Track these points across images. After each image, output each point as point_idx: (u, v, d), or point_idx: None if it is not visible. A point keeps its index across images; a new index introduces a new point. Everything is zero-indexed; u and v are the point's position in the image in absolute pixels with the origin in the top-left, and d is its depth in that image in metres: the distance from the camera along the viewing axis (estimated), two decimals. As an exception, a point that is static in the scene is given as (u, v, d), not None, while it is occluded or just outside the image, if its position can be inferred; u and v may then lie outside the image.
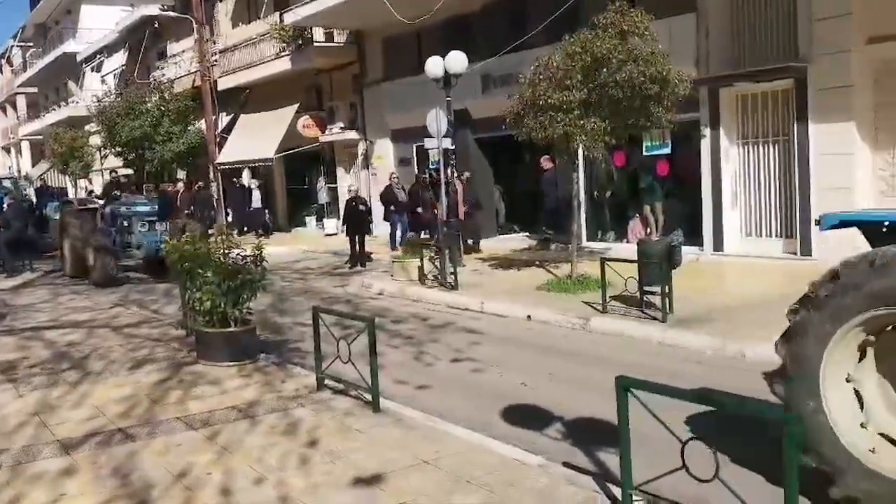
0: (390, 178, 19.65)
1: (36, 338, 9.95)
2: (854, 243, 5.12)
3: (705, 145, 13.80)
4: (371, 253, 17.12)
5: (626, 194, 15.97)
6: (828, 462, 4.27)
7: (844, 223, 5.34)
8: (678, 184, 14.96)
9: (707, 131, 13.68)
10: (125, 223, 16.33)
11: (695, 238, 13.82)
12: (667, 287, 9.49)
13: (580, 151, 11.87)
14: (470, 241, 16.68)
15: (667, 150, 14.54)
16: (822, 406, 4.31)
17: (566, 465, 5.22)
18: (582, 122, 10.80)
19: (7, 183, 30.59)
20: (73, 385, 7.42)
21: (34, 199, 27.43)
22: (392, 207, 18.99)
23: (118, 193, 18.21)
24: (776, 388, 4.55)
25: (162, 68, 31.66)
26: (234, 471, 5.09)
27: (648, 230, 14.19)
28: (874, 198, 11.80)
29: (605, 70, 10.68)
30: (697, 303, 10.13)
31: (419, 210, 17.62)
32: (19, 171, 43.20)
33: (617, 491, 4.48)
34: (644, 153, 14.80)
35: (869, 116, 11.80)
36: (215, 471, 5.10)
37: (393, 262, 14.61)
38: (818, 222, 5.13)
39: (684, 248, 10.93)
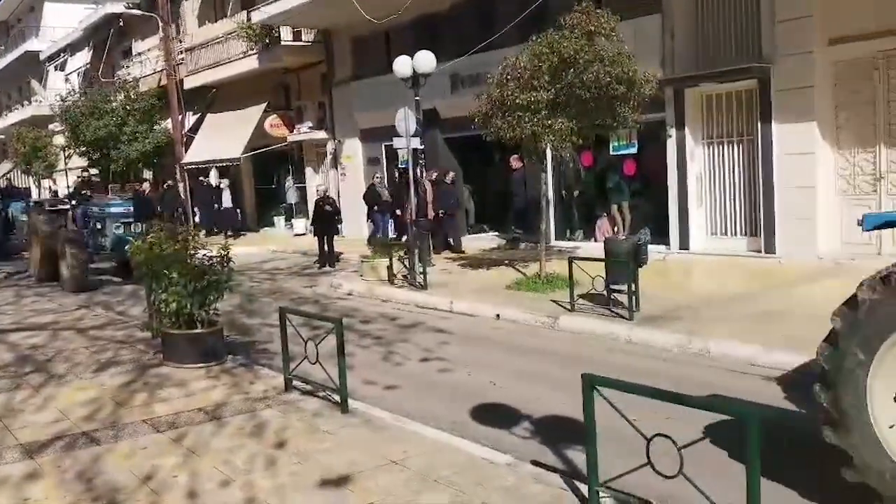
0: (374, 178, 19.61)
1: (-2, 341, 9.79)
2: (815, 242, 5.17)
3: (671, 145, 13.92)
4: (340, 253, 17.08)
5: (593, 193, 16.08)
6: (872, 474, 4.09)
7: (889, 223, 5.31)
8: (645, 183, 15.10)
9: (673, 131, 13.80)
10: (98, 224, 15.67)
11: (661, 237, 13.95)
12: (633, 285, 9.59)
13: (548, 151, 11.94)
14: (451, 241, 16.70)
15: (633, 150, 14.66)
16: (867, 415, 4.12)
17: (534, 463, 5.26)
18: (549, 122, 10.87)
19: None
20: (37, 388, 7.32)
21: None
22: (375, 207, 18.92)
23: (88, 193, 17.30)
24: (817, 393, 4.33)
25: (127, 67, 31.27)
26: (200, 473, 5.06)
27: (616, 229, 14.31)
28: (835, 197, 12.02)
29: (571, 70, 10.74)
30: (664, 300, 10.25)
31: (398, 212, 17.40)
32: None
33: (583, 487, 4.52)
34: (611, 153, 14.90)
35: (830, 116, 11.99)
36: (181, 474, 5.07)
37: (362, 262, 14.59)
38: (860, 223, 4.96)
39: (651, 247, 11.05)
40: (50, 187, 37.24)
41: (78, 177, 17.69)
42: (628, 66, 10.78)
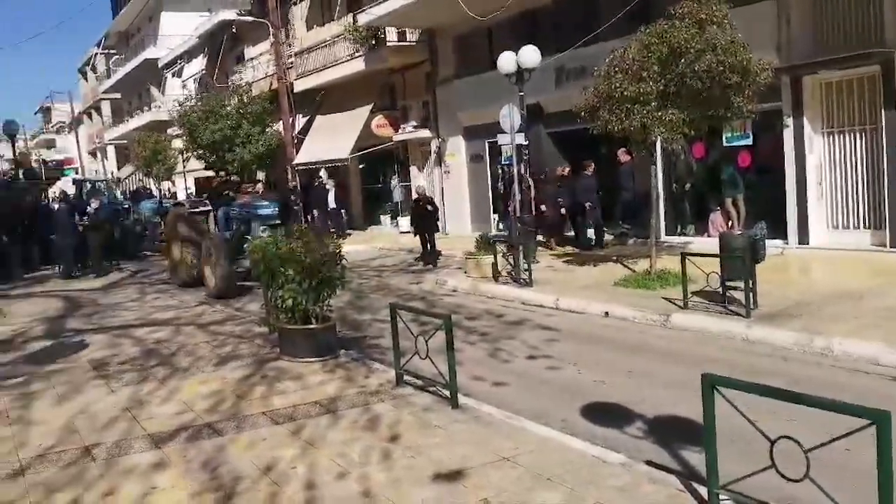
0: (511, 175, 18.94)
1: (125, 335, 10.33)
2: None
3: (788, 135, 13.39)
4: (440, 252, 17.12)
5: (706, 187, 15.60)
6: None
7: None
8: (760, 175, 14.54)
9: (790, 121, 13.27)
10: (242, 227, 14.57)
11: (778, 231, 13.43)
12: (750, 281, 9.25)
13: (658, 144, 11.66)
14: (582, 236, 16.45)
15: (748, 141, 14.17)
16: None
17: (648, 463, 5.15)
18: (660, 113, 10.62)
19: (100, 185, 31.66)
20: (162, 381, 7.69)
21: (121, 200, 28.28)
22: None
23: (231, 194, 16.36)
24: None
25: (240, 72, 32.42)
26: (318, 465, 5.20)
27: (730, 223, 13.82)
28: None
29: (682, 60, 10.45)
30: (782, 297, 9.85)
31: (542, 208, 16.62)
32: (112, 174, 44.60)
33: (702, 490, 4.40)
34: (724, 144, 14.45)
35: (961, 101, 11.25)
36: (300, 465, 5.22)
37: (466, 258, 14.64)
38: None
39: (768, 242, 10.65)
40: (169, 189, 39.03)
41: (218, 177, 17.45)
42: (742, 54, 10.40)
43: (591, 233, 16.60)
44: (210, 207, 16.10)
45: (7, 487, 5.09)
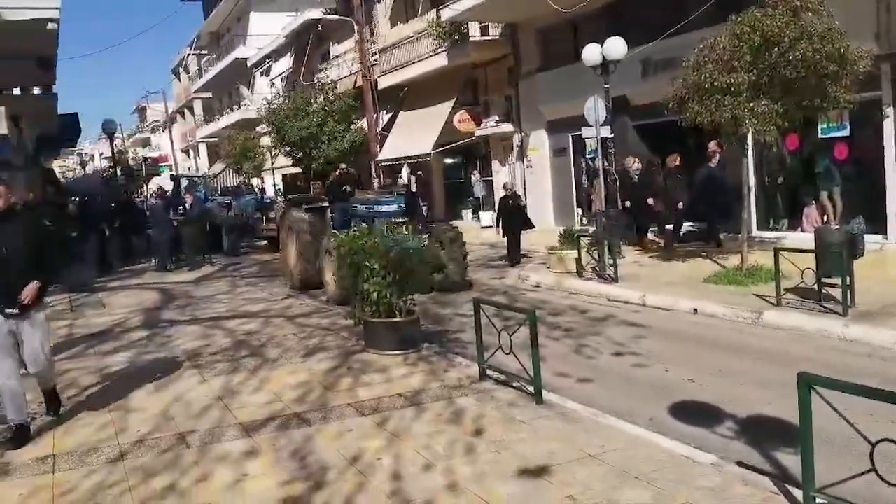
0: (624, 164, 16.32)
1: (217, 327, 10.66)
2: None
3: (888, 126, 12.77)
4: (525, 255, 16.72)
5: (800, 180, 15.04)
6: None
7: None
8: (858, 168, 13.93)
9: (890, 111, 12.66)
10: (363, 224, 12.59)
11: (877, 226, 12.85)
12: (848, 278, 8.88)
13: (749, 136, 11.31)
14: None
15: (845, 132, 13.58)
16: None
17: (740, 464, 5.00)
18: (751, 104, 10.29)
19: (197, 181, 32.60)
20: (252, 371, 7.90)
21: (217, 196, 28.92)
22: (627, 203, 15.97)
23: (349, 189, 15.08)
24: None
25: (325, 70, 32.99)
26: (403, 457, 5.25)
27: (826, 218, 13.30)
28: None
29: (776, 49, 10.11)
30: (882, 295, 9.43)
31: (650, 202, 15.47)
32: (208, 171, 45.86)
33: (797, 493, 4.25)
34: (820, 136, 13.90)
35: None
36: (385, 456, 5.28)
37: (549, 254, 14.52)
38: None
39: (866, 237, 10.21)
40: (257, 184, 40.03)
41: (339, 171, 15.63)
42: (839, 42, 9.98)
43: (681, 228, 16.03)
44: (327, 204, 14.64)
45: (108, 471, 5.31)
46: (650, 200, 15.53)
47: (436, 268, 11.59)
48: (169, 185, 35.51)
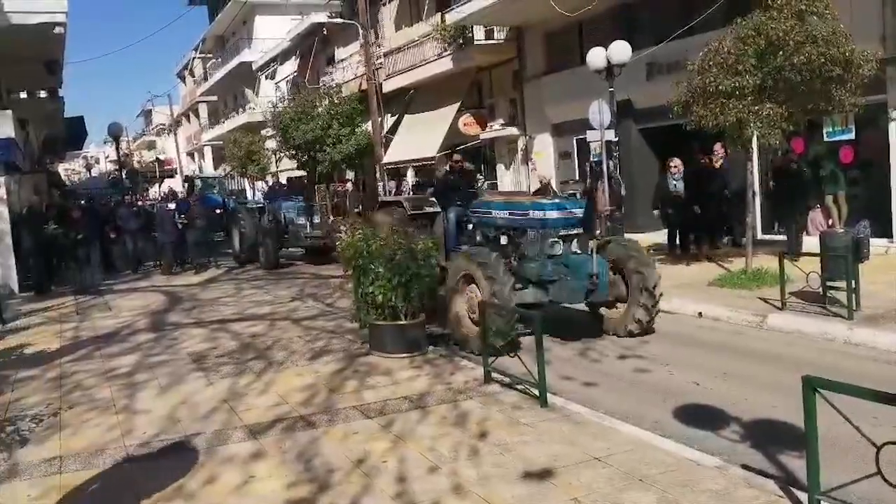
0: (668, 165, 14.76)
1: (223, 329, 10.68)
2: None
3: (893, 129, 12.77)
4: None
5: (805, 183, 15.03)
6: None
7: None
8: (863, 171, 13.92)
9: (895, 114, 12.66)
10: (509, 240, 9.46)
11: (883, 229, 12.84)
12: (853, 282, 8.87)
13: (754, 139, 11.31)
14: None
15: (850, 136, 13.59)
16: None
17: (745, 466, 5.00)
18: (756, 108, 10.30)
19: (212, 182, 32.33)
20: (258, 374, 7.92)
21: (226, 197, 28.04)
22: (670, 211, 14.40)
23: (475, 188, 11.74)
24: None
25: (330, 73, 33.04)
26: (408, 459, 5.26)
27: (831, 221, 13.29)
28: None
29: (781, 53, 10.11)
30: (887, 299, 9.41)
31: (696, 209, 13.75)
32: (223, 173, 45.53)
33: (802, 496, 4.26)
34: (825, 139, 13.90)
35: None
36: (391, 459, 5.30)
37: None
38: None
39: (872, 241, 10.21)
40: (262, 188, 40.07)
41: (448, 162, 12.31)
42: (844, 45, 9.99)
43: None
44: (438, 209, 10.89)
45: (115, 473, 5.34)
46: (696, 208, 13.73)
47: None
48: (180, 186, 35.60)
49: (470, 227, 10.26)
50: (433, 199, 11.12)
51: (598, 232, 9.86)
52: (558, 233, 8.98)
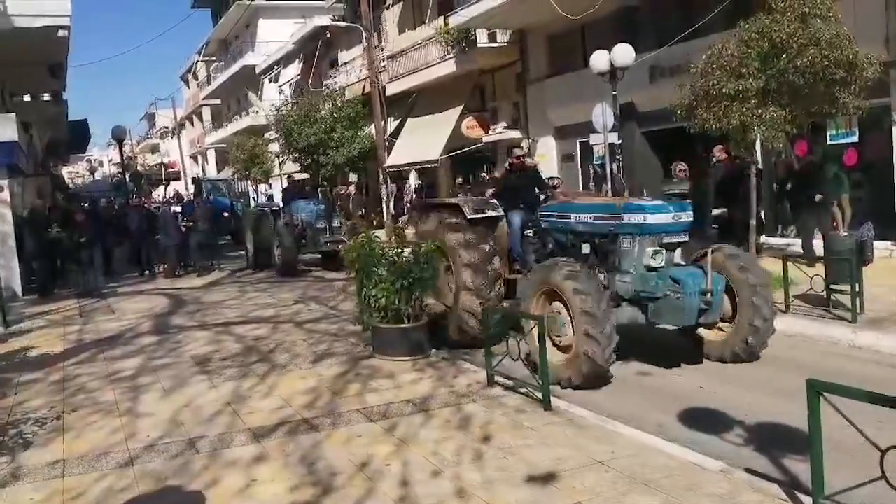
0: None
1: (226, 332, 10.68)
2: None
3: (898, 132, 12.76)
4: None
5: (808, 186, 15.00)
6: None
7: None
8: (867, 174, 13.91)
9: (899, 116, 12.65)
10: (587, 250, 8.29)
11: (887, 232, 12.81)
12: (857, 285, 8.85)
13: (758, 142, 11.31)
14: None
15: (854, 139, 13.58)
16: None
17: (749, 470, 4.99)
18: (760, 111, 10.29)
19: (220, 184, 32.20)
20: (262, 377, 7.92)
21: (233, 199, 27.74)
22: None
23: (551, 191, 9.88)
24: None
25: (334, 76, 33.09)
26: (411, 463, 5.26)
27: (835, 224, 13.28)
28: None
29: (784, 56, 10.10)
30: (891, 302, 9.41)
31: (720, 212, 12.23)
32: (231, 175, 45.49)
33: (806, 500, 4.25)
34: (829, 142, 13.88)
35: None
36: (394, 462, 5.29)
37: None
38: None
39: (876, 243, 10.19)
40: (266, 191, 40.15)
41: (509, 159, 10.11)
42: (848, 48, 9.98)
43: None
44: (500, 213, 9.33)
45: (118, 476, 5.34)
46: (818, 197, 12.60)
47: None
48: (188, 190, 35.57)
49: (536, 233, 9.06)
50: (494, 200, 9.45)
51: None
52: (661, 240, 7.56)
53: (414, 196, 29.63)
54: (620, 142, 14.92)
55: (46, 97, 25.47)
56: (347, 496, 4.78)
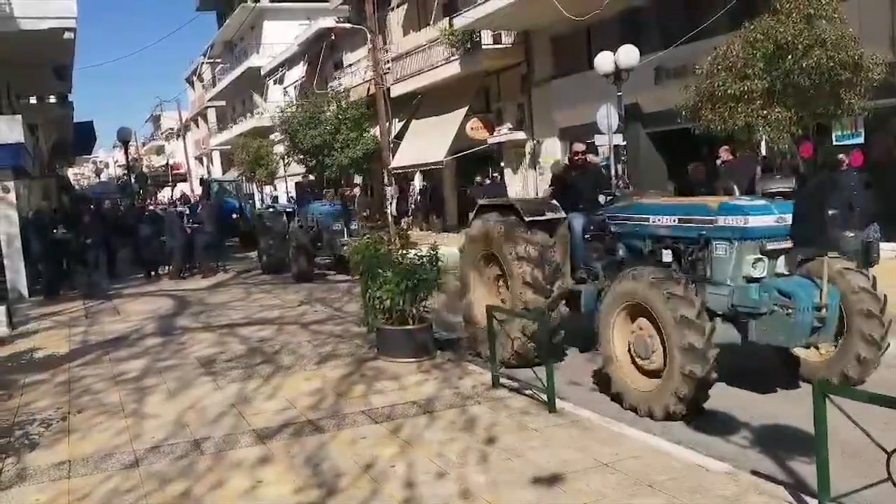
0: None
1: (231, 334, 10.69)
2: None
3: (903, 133, 12.74)
4: None
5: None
6: None
7: None
8: (873, 175, 13.86)
9: (905, 117, 12.63)
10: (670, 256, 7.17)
11: (892, 233, 12.75)
12: (863, 286, 8.78)
13: (763, 143, 11.29)
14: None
15: (860, 140, 13.54)
16: None
17: (754, 472, 4.98)
18: (765, 112, 10.28)
19: (228, 185, 32.12)
20: (266, 378, 7.92)
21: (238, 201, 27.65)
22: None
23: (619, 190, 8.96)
24: None
25: (338, 78, 33.13)
26: (416, 464, 5.26)
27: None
28: None
29: (789, 57, 10.10)
30: (898, 303, 9.34)
31: None
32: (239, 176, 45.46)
33: (812, 502, 4.24)
34: (834, 143, 13.85)
35: None
36: (399, 463, 5.29)
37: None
38: None
39: (881, 245, 10.14)
40: (270, 193, 40.19)
41: (572, 151, 9.25)
42: (853, 49, 9.98)
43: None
44: (562, 214, 8.33)
45: (123, 477, 5.35)
46: None
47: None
48: (191, 191, 35.58)
49: (599, 237, 8.17)
50: (555, 201, 8.51)
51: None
52: (763, 246, 6.52)
53: (419, 198, 29.66)
54: (625, 143, 14.89)
55: (52, 99, 25.57)
56: (352, 497, 4.78)
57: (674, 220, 7.14)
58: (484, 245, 8.44)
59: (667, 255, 7.09)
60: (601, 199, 8.31)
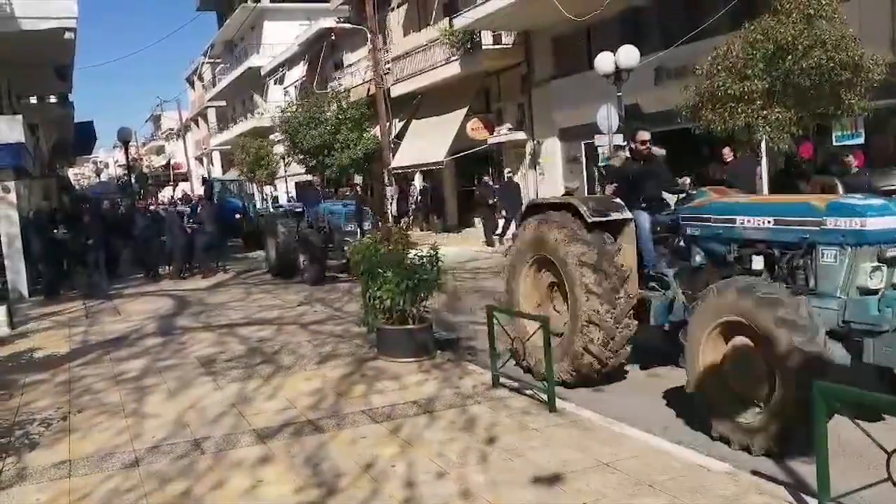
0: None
1: (231, 334, 10.69)
2: None
3: (904, 133, 12.74)
4: None
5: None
6: None
7: None
8: (873, 175, 13.87)
9: (906, 118, 12.63)
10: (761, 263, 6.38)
11: (893, 234, 12.75)
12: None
13: (763, 143, 11.31)
14: None
15: (860, 140, 13.54)
16: None
17: (755, 472, 4.98)
18: (765, 112, 10.29)
19: (230, 185, 32.06)
20: (266, 378, 7.92)
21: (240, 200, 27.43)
22: None
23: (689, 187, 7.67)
24: None
25: (338, 78, 33.13)
26: (416, 464, 5.25)
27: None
28: None
29: (789, 57, 10.11)
30: (898, 304, 9.34)
31: None
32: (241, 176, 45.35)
33: (812, 502, 4.24)
34: (834, 143, 13.86)
35: None
36: (399, 463, 5.28)
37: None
38: None
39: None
40: (271, 193, 40.18)
41: (636, 140, 7.80)
42: (854, 49, 9.99)
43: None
44: (629, 214, 7.39)
45: (123, 477, 5.35)
46: None
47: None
48: (193, 191, 35.54)
49: (667, 239, 7.46)
50: (619, 200, 7.49)
51: None
52: (884, 253, 5.54)
53: (419, 198, 29.66)
54: (625, 143, 14.89)
55: (53, 99, 25.59)
56: (352, 497, 4.78)
57: (768, 222, 6.23)
58: (536, 249, 7.57)
59: (757, 262, 6.28)
60: (670, 197, 7.58)
